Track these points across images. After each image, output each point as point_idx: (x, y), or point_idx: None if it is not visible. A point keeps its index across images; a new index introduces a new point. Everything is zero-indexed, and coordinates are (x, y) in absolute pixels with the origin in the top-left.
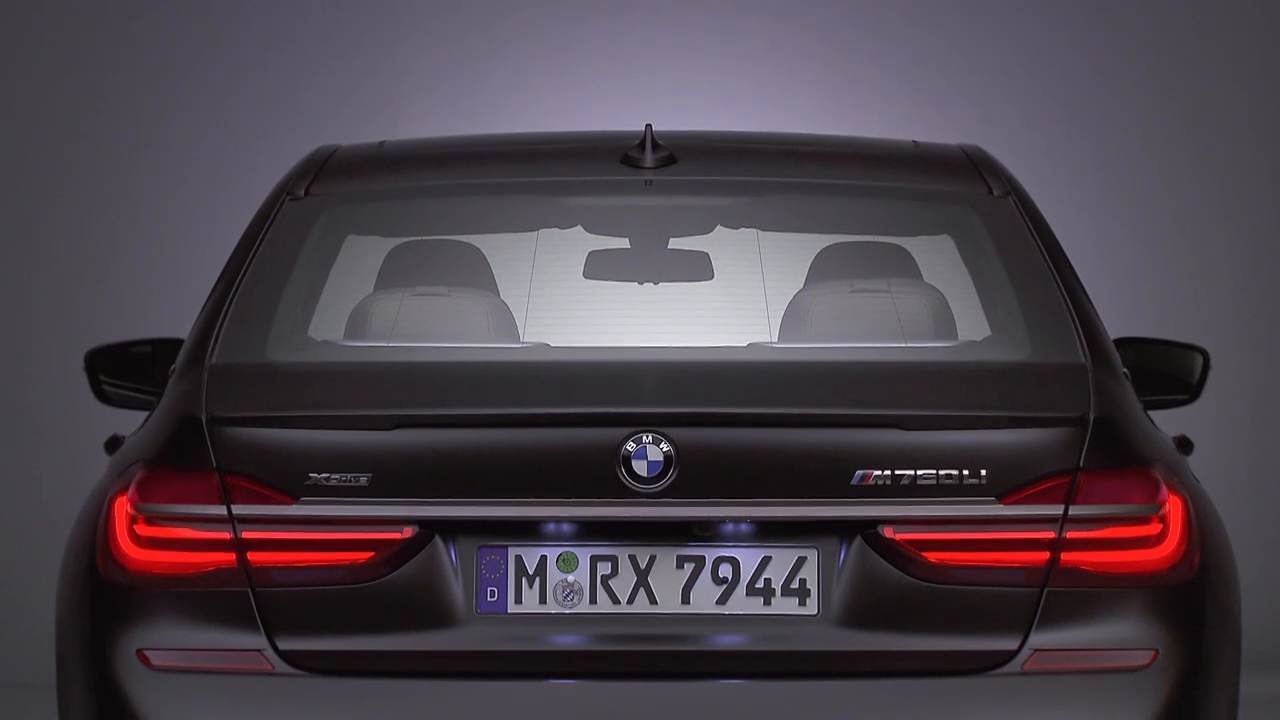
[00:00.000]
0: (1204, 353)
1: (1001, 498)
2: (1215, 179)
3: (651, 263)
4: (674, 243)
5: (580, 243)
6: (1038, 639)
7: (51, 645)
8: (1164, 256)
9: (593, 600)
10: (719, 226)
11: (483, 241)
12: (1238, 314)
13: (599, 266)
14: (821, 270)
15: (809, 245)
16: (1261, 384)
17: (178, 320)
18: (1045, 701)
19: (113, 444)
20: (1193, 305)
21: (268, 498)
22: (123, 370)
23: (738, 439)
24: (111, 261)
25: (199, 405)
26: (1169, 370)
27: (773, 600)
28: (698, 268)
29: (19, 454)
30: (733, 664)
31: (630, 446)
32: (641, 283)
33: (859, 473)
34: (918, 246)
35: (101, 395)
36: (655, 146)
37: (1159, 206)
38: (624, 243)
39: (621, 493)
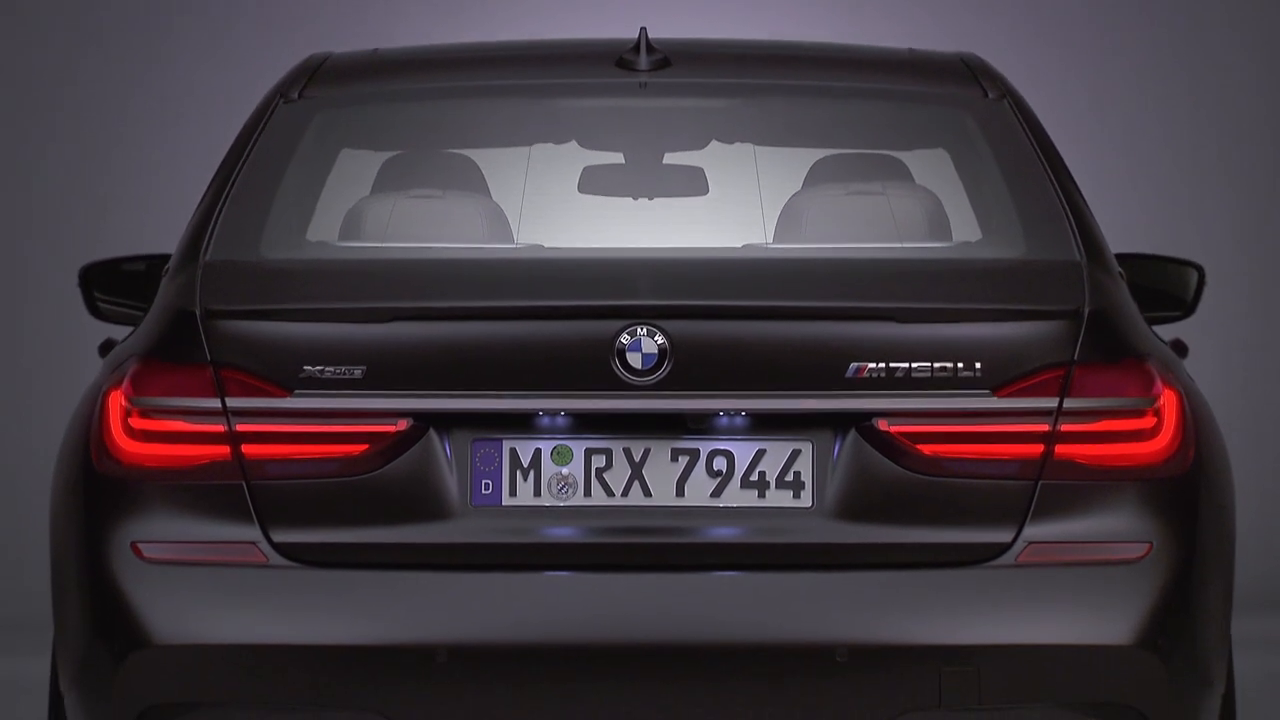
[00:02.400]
0: (1199, 268)
1: (996, 390)
2: (1210, 94)
3: (646, 178)
4: (669, 158)
5: (575, 158)
6: (1032, 531)
7: (41, 586)
8: (1159, 173)
9: (587, 493)
10: (713, 141)
11: (477, 158)
12: (1233, 230)
13: (593, 182)
14: (817, 178)
15: (804, 160)
16: (1258, 301)
17: (173, 238)
18: (1039, 594)
19: (106, 347)
20: (1188, 221)
21: (262, 391)
22: (117, 286)
23: (732, 332)
24: (108, 178)
25: (193, 299)
26: (1164, 287)
27: (767, 493)
28: (693, 183)
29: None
30: (727, 556)
31: (624, 339)
32: (636, 198)
33: (853, 365)
34: (913, 163)
35: (95, 311)
36: (649, 50)
37: (1154, 124)
38: (618, 158)
39: (616, 385)
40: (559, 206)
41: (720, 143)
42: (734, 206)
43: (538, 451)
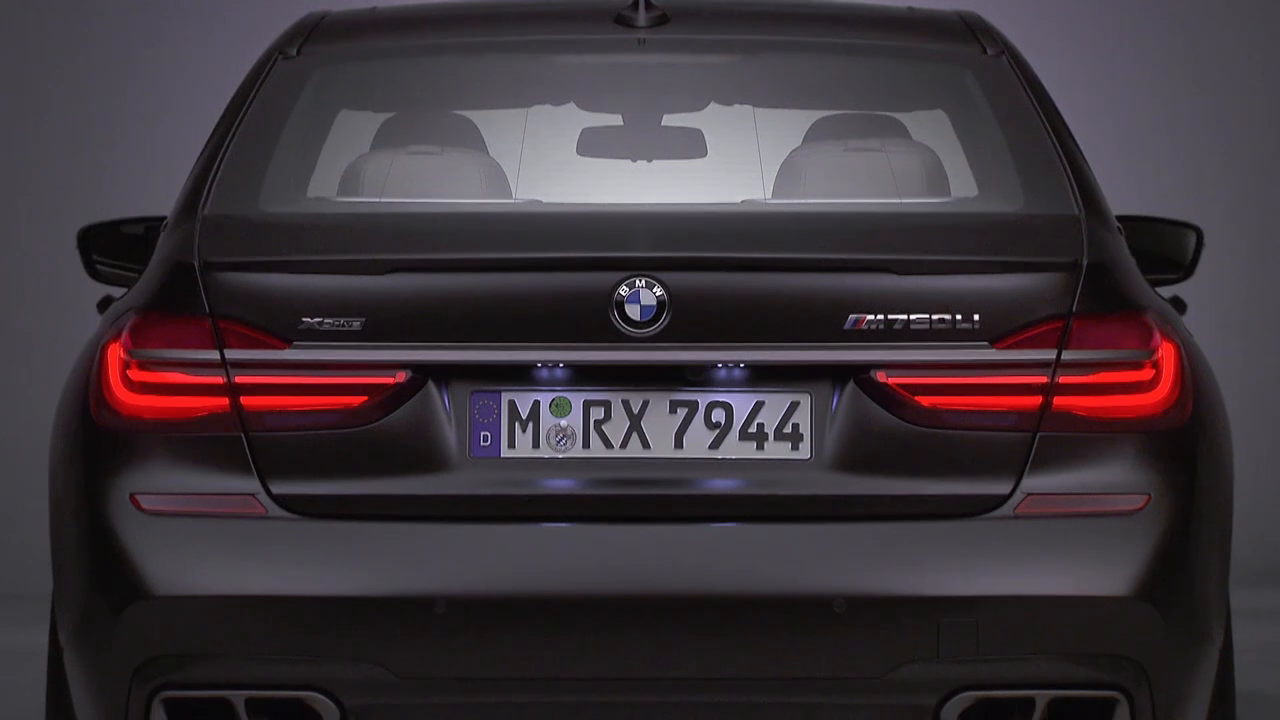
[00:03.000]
0: (1197, 230)
1: (994, 342)
2: (1206, 56)
3: (645, 140)
4: (667, 120)
5: (573, 120)
6: (1030, 483)
7: (39, 554)
8: (1156, 137)
9: (585, 445)
10: (712, 103)
11: (476, 120)
12: (1231, 193)
13: (592, 144)
14: (816, 136)
15: (802, 123)
16: (1256, 263)
17: (172, 201)
18: (1037, 545)
19: (105, 304)
20: (1186, 183)
21: (261, 342)
22: (115, 248)
23: (731, 284)
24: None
25: (191, 252)
26: (1162, 249)
27: (765, 445)
28: (691, 145)
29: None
30: (725, 508)
31: (623, 291)
32: (635, 160)
33: (852, 317)
34: (912, 125)
35: (94, 273)
36: (648, 6)
37: (1151, 86)
38: (617, 120)
39: (614, 337)
40: (557, 169)
41: (719, 105)
42: (732, 169)
43: (536, 403)
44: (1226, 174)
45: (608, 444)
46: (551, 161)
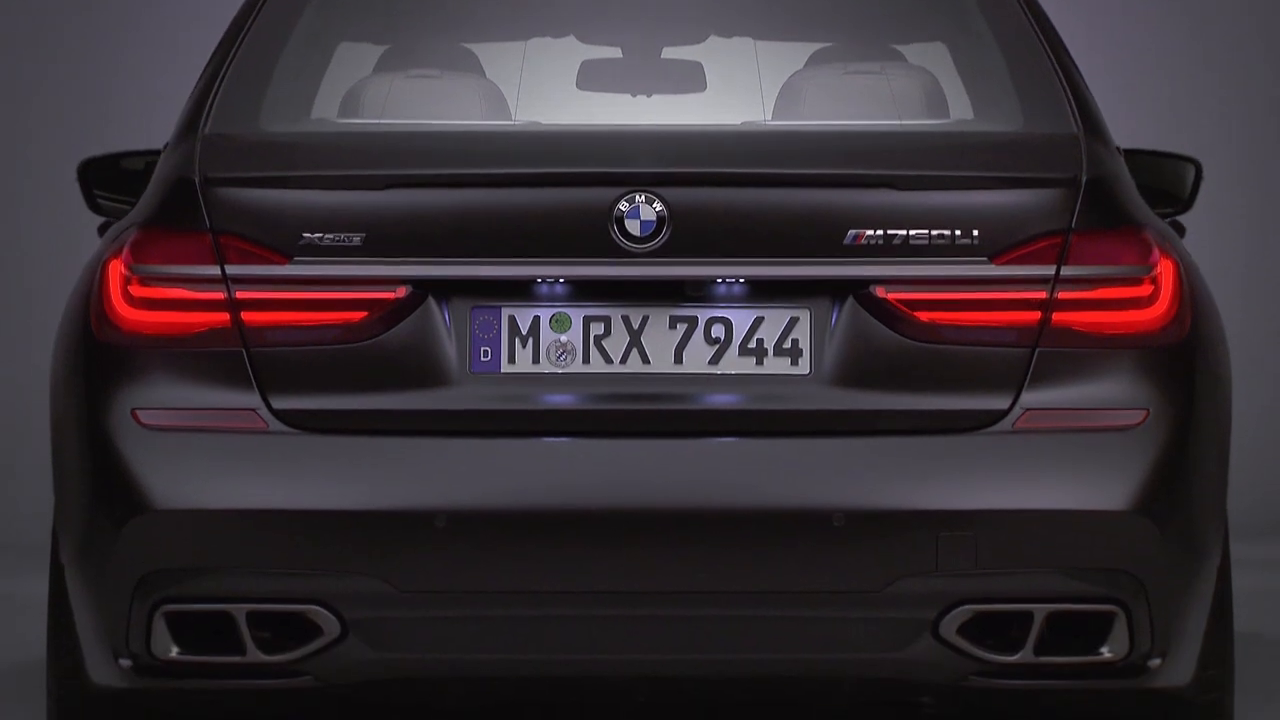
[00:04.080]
0: (1196, 163)
1: (993, 258)
2: None
3: (644, 73)
4: (667, 53)
5: (572, 53)
6: (1029, 398)
7: (41, 508)
8: (1154, 67)
9: (586, 360)
10: (712, 35)
11: (476, 51)
12: (1231, 125)
13: (591, 77)
14: (816, 62)
15: (802, 55)
16: (1255, 197)
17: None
18: (1036, 460)
19: (105, 229)
20: (1184, 116)
21: (262, 258)
22: (116, 182)
23: (730, 199)
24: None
25: (192, 168)
26: (1161, 182)
27: (765, 360)
28: (691, 78)
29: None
30: (725, 423)
31: (623, 206)
32: (634, 95)
33: (851, 232)
34: (912, 57)
35: (95, 206)
36: None
37: (1151, 17)
38: (616, 53)
39: (614, 252)
40: (556, 102)
41: (719, 37)
42: (732, 103)
43: (536, 319)
44: (1225, 107)
45: (607, 359)
46: (550, 94)
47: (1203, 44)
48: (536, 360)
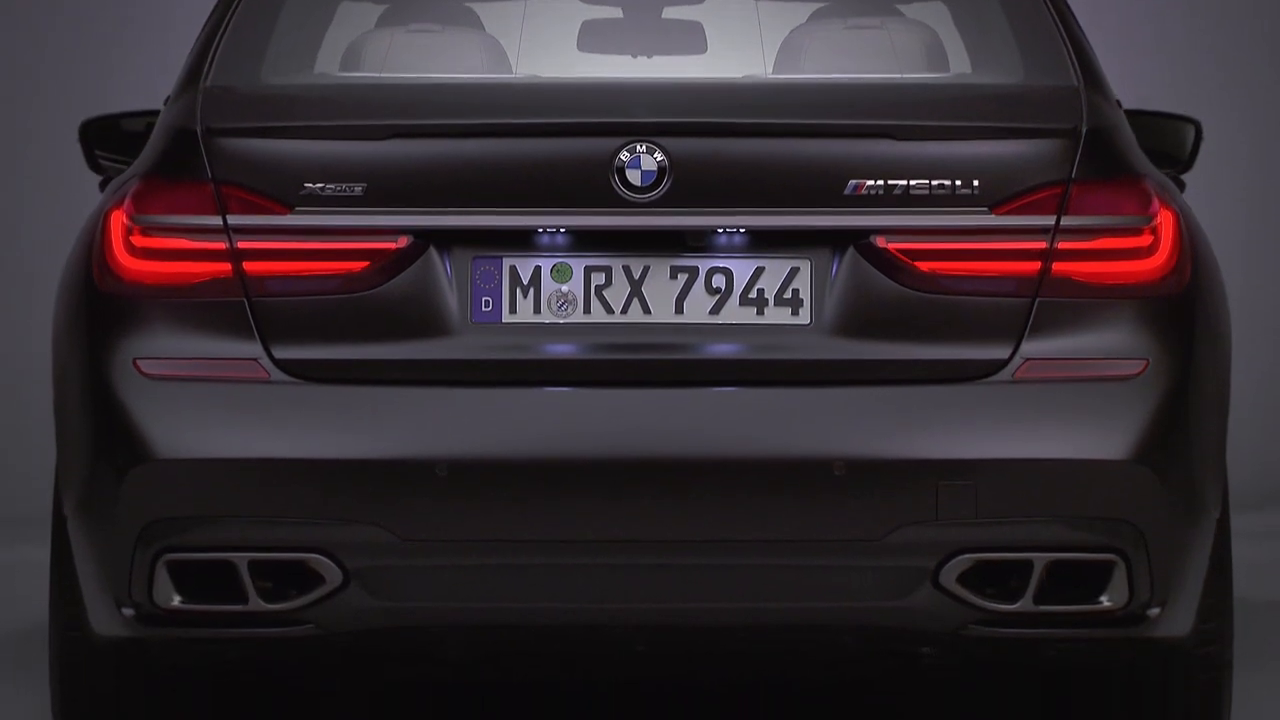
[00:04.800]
0: (1196, 123)
1: (994, 208)
2: None
3: (645, 34)
4: (668, 12)
5: (572, 14)
6: (1029, 348)
7: (42, 480)
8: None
9: (586, 310)
10: None
11: (477, 10)
12: (1231, 85)
13: (592, 38)
14: (816, 18)
15: (803, 15)
16: (1256, 158)
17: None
18: (1036, 409)
19: (106, 184)
20: (1184, 77)
21: (263, 208)
22: (117, 143)
23: (731, 149)
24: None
25: (193, 118)
26: (1161, 143)
27: (765, 310)
28: (691, 39)
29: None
30: (725, 372)
31: (624, 156)
32: (635, 55)
33: (852, 183)
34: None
35: (96, 166)
36: None
37: None
38: (617, 13)
39: (615, 202)
40: (557, 64)
41: None
42: (733, 63)
43: (537, 269)
44: (1225, 68)
45: (608, 309)
46: (551, 55)
47: (1203, 3)
48: (537, 310)
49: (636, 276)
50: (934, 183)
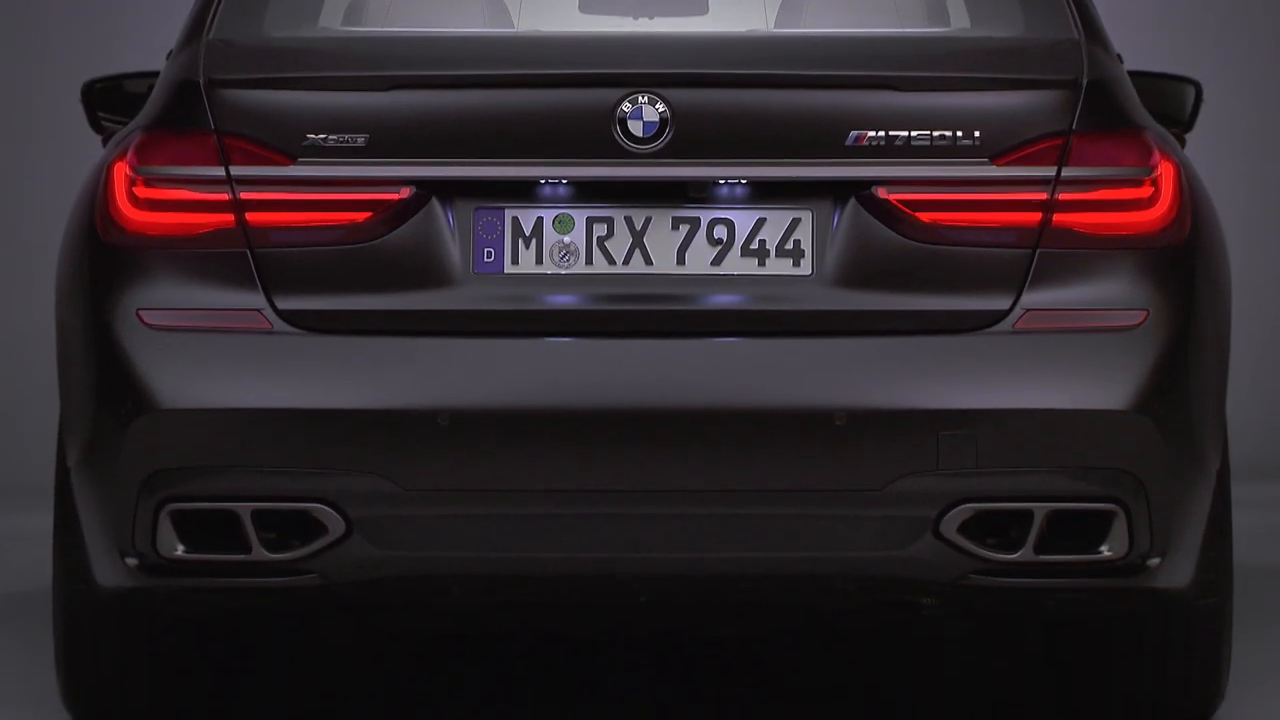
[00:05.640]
0: (1196, 84)
1: (994, 159)
2: None
3: None
4: None
5: None
6: (1029, 299)
7: (41, 450)
8: None
9: (589, 261)
10: None
11: None
12: (1231, 46)
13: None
14: None
15: None
16: (1256, 118)
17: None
18: (1036, 360)
19: (109, 139)
20: (1184, 37)
21: (266, 159)
22: (120, 104)
23: (733, 100)
24: None
25: (196, 70)
26: (1161, 105)
27: (767, 261)
28: (692, 1)
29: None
30: (727, 323)
31: (626, 107)
32: (636, 18)
33: (853, 134)
34: None
35: (98, 128)
36: None
37: None
38: None
39: (617, 153)
40: (559, 23)
41: None
42: (735, 24)
43: (539, 220)
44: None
45: (610, 260)
46: (552, 17)
47: None
48: (539, 261)
49: (638, 227)
50: (935, 134)
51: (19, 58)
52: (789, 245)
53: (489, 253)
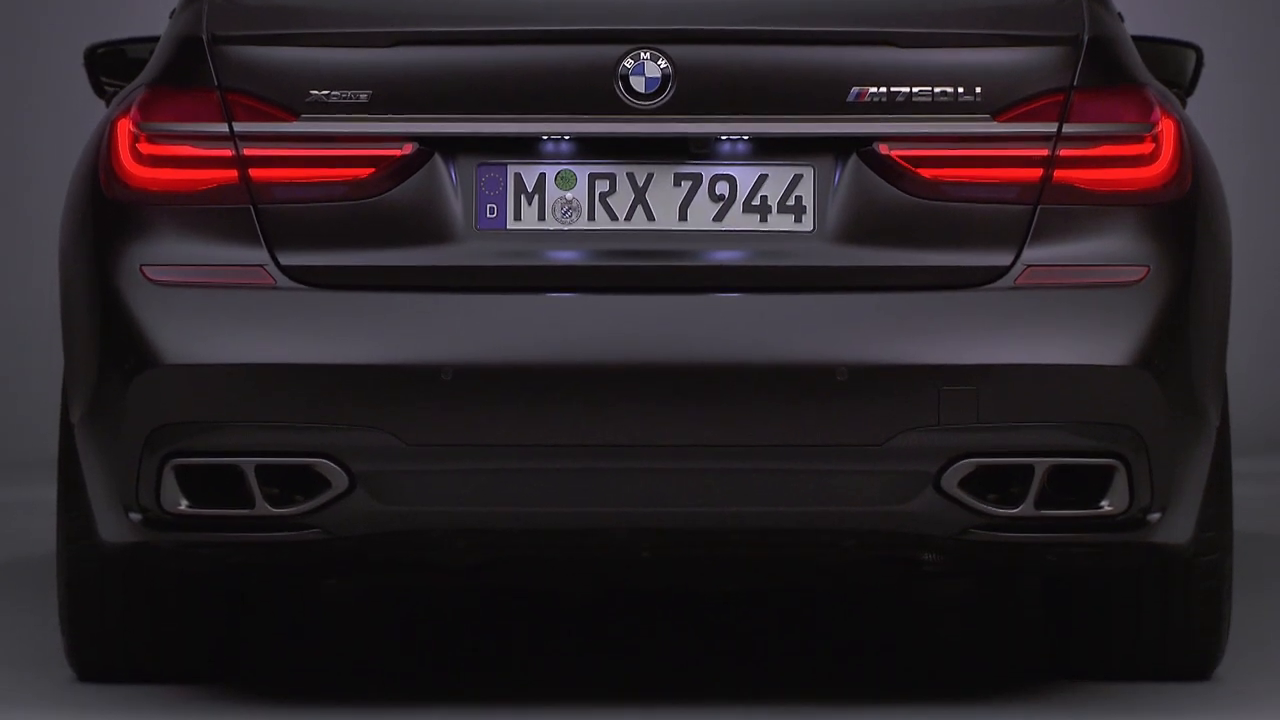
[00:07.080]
0: (1197, 49)
1: (996, 115)
2: None
3: None
4: None
5: None
6: (1030, 255)
7: (45, 422)
8: None
9: (591, 217)
10: None
11: None
12: (1233, 10)
13: None
14: None
15: None
16: (1257, 84)
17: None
18: (1037, 316)
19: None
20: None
21: (269, 115)
22: (123, 69)
23: (735, 56)
24: None
25: (199, 26)
26: (1162, 70)
27: (769, 217)
28: None
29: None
30: (729, 278)
31: (628, 63)
32: None
33: (855, 90)
34: None
35: (102, 93)
36: None
37: None
38: None
39: (619, 109)
40: None
41: None
42: None
43: (542, 176)
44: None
45: (612, 216)
46: None
47: None
48: (542, 217)
49: (640, 183)
50: (936, 90)
51: (19, 23)
52: (790, 201)
53: (491, 208)
